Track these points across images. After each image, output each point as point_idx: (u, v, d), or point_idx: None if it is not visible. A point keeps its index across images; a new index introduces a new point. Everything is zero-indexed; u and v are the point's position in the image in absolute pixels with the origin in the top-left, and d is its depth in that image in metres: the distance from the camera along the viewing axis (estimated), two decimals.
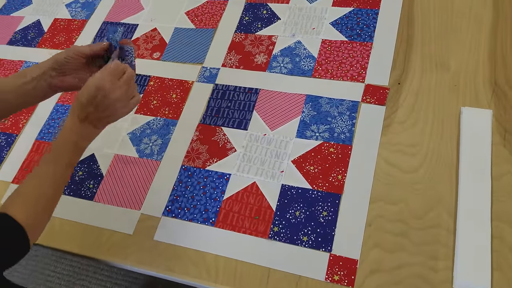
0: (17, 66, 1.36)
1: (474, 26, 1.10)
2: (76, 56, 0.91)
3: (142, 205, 1.03)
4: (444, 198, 0.91)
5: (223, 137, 1.08)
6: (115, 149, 1.12)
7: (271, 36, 1.22)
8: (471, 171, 0.91)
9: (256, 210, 0.97)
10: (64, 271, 1.95)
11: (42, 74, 0.89)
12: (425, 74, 1.06)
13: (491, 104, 0.99)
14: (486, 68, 1.04)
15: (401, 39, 1.12)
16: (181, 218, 1.00)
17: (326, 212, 0.94)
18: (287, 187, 0.98)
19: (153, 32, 1.33)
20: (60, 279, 1.94)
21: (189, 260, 0.95)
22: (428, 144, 0.97)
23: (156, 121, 1.15)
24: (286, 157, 1.02)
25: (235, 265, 0.92)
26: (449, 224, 0.88)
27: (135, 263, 0.97)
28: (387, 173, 0.96)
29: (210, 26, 1.29)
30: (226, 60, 1.21)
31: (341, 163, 0.98)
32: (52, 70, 0.90)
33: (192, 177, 1.04)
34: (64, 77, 0.91)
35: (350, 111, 1.04)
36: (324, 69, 1.12)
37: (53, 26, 1.43)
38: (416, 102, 1.03)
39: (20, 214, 0.76)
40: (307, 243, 0.91)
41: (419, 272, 0.85)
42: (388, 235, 0.89)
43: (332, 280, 0.87)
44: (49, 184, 0.81)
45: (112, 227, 1.02)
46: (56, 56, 0.91)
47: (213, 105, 1.14)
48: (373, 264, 0.87)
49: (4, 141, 1.21)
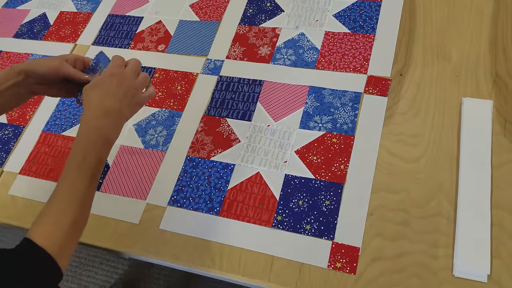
0: (24, 58, 1.37)
1: (476, 17, 1.11)
2: (55, 75, 0.86)
3: (148, 195, 1.05)
4: (444, 187, 0.92)
5: (227, 128, 1.09)
6: (121, 140, 1.14)
7: (275, 28, 1.23)
8: (471, 160, 0.92)
9: (260, 200, 0.98)
10: (71, 262, 1.98)
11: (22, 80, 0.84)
12: (426, 65, 1.07)
13: (492, 94, 1.00)
14: (487, 59, 1.05)
15: (403, 31, 1.13)
16: (186, 208, 1.01)
17: (328, 201, 0.95)
18: (290, 177, 1.00)
19: (158, 25, 1.34)
20: (67, 269, 1.96)
21: (194, 249, 0.96)
22: (429, 134, 0.98)
23: (161, 113, 1.16)
24: (289, 147, 1.03)
25: (240, 253, 0.94)
26: (450, 213, 0.90)
27: (141, 252, 0.99)
28: (389, 163, 0.97)
29: (214, 18, 1.30)
30: (230, 52, 1.22)
31: (343, 153, 1.00)
32: (29, 78, 0.85)
33: (197, 168, 1.06)
34: (42, 85, 0.88)
35: (353, 102, 1.06)
36: (327, 61, 1.13)
37: (58, 19, 1.45)
38: (418, 93, 1.04)
39: (47, 242, 0.69)
40: (310, 232, 0.93)
41: (420, 260, 0.86)
42: (389, 224, 0.91)
43: (334, 267, 0.88)
44: (74, 204, 0.75)
45: (118, 216, 1.03)
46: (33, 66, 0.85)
47: (217, 96, 1.15)
48: (375, 252, 0.89)
49: (12, 133, 1.23)
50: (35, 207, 1.09)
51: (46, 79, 0.85)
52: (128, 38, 1.33)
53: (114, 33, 1.36)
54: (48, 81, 0.85)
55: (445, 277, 0.84)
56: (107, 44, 1.34)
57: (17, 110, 1.26)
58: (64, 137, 1.18)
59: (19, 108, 1.26)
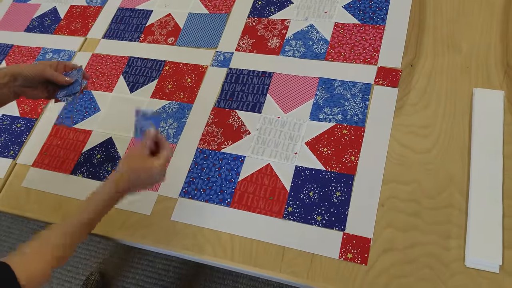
0: (35, 53, 1.38)
1: (486, 9, 1.10)
2: (39, 77, 0.94)
3: (159, 186, 1.05)
4: (456, 178, 0.92)
5: (237, 120, 1.10)
6: (132, 132, 1.14)
7: (284, 20, 1.23)
8: (483, 150, 0.92)
9: (271, 191, 0.99)
10: (81, 255, 1.99)
11: (6, 83, 0.92)
12: (437, 56, 1.06)
13: (503, 85, 0.99)
14: (498, 50, 1.04)
15: (413, 23, 1.12)
16: (197, 199, 1.02)
17: (339, 193, 0.95)
18: (300, 168, 1.00)
19: (167, 18, 1.34)
20: (77, 262, 1.98)
21: (205, 240, 0.97)
22: (440, 125, 0.98)
23: (171, 105, 1.17)
24: (299, 139, 1.03)
25: (251, 244, 0.94)
26: (461, 204, 0.89)
27: (152, 243, 1.00)
28: (399, 154, 0.97)
29: (224, 11, 1.30)
30: (239, 45, 1.22)
31: (354, 145, 1.00)
32: (15, 80, 0.93)
33: (207, 160, 1.06)
34: (26, 87, 0.95)
35: (363, 93, 1.06)
36: (337, 52, 1.13)
37: (69, 12, 1.46)
38: (429, 84, 1.03)
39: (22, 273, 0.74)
40: (321, 223, 0.93)
41: (432, 250, 0.87)
42: (401, 215, 0.91)
43: (345, 258, 0.89)
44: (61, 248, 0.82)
45: (130, 208, 1.04)
46: (20, 69, 0.93)
47: (227, 89, 1.15)
48: (386, 243, 0.89)
49: (24, 126, 1.24)
50: (48, 199, 1.10)
51: (31, 81, 0.93)
52: (138, 31, 1.34)
53: (124, 27, 1.36)
54: (32, 83, 0.94)
55: (457, 268, 0.84)
56: (117, 37, 1.34)
57: (30, 104, 1.27)
58: (76, 130, 1.19)
59: (30, 102, 1.27)
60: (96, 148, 1.15)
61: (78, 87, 0.96)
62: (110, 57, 1.31)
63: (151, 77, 1.23)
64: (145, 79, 1.23)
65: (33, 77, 0.93)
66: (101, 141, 1.15)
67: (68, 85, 0.96)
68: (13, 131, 1.24)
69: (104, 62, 1.30)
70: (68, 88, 0.96)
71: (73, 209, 1.06)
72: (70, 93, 0.96)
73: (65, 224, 0.83)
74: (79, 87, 0.96)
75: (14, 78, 0.92)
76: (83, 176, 1.11)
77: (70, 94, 0.96)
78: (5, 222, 2.13)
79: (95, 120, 1.20)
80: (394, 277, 0.86)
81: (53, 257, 0.80)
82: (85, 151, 1.15)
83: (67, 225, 0.83)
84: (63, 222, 0.84)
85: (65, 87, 0.97)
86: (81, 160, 1.14)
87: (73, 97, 0.96)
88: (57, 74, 0.95)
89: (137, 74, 1.25)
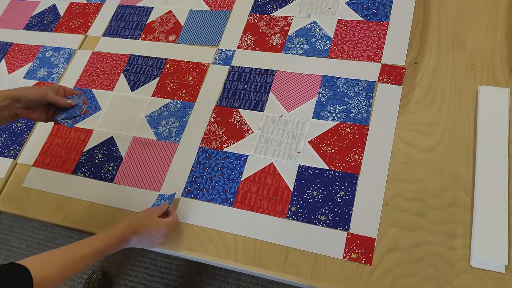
0: (35, 50, 1.37)
1: (491, 6, 1.09)
2: (41, 100, 0.95)
3: (161, 186, 1.05)
4: (461, 176, 0.91)
5: (239, 119, 1.09)
6: (133, 131, 1.13)
7: (287, 17, 1.22)
8: (488, 149, 0.91)
9: (274, 191, 0.98)
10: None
11: (7, 105, 0.93)
12: (441, 54, 1.05)
13: (509, 82, 0.98)
14: (504, 47, 1.03)
15: (417, 20, 1.11)
16: (200, 199, 1.01)
17: (343, 192, 0.94)
18: (304, 168, 0.99)
19: (168, 15, 1.33)
20: None
21: (208, 240, 0.96)
22: (445, 123, 0.97)
23: (173, 104, 1.16)
24: (303, 138, 1.03)
25: (254, 244, 0.94)
26: (466, 202, 0.89)
27: None
28: (404, 152, 0.96)
29: (225, 7, 1.29)
30: (241, 42, 1.21)
31: (358, 143, 0.99)
32: (17, 102, 0.93)
33: (210, 159, 1.05)
34: (26, 109, 0.95)
35: (367, 91, 1.05)
36: (340, 49, 1.12)
37: (68, 10, 1.44)
38: (433, 82, 1.02)
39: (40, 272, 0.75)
40: (325, 222, 0.92)
41: (437, 250, 0.86)
42: (405, 214, 0.90)
43: (350, 258, 0.88)
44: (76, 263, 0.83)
45: (132, 208, 1.04)
46: (23, 92, 0.94)
47: (229, 87, 1.14)
48: (391, 242, 0.88)
49: (24, 125, 1.23)
50: (49, 199, 1.09)
51: (33, 103, 0.94)
52: (139, 28, 1.33)
53: (124, 24, 1.35)
54: (33, 105, 0.95)
55: (462, 268, 0.83)
56: (118, 35, 1.33)
57: None
58: (77, 129, 1.18)
59: None
60: (97, 147, 1.14)
61: (79, 111, 0.96)
62: (111, 55, 1.30)
63: (152, 75, 1.22)
64: (146, 78, 1.22)
65: (36, 100, 0.94)
66: (102, 140, 1.14)
67: (68, 108, 0.97)
68: (13, 130, 1.23)
69: (104, 60, 1.29)
70: (68, 111, 0.97)
71: (75, 209, 1.06)
72: (70, 116, 0.96)
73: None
74: (79, 111, 0.96)
75: (16, 100, 0.93)
76: (84, 175, 1.10)
77: (70, 117, 0.96)
78: (6, 221, 2.13)
79: (96, 119, 1.19)
80: (399, 276, 0.85)
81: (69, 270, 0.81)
82: (86, 151, 1.14)
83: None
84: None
85: (65, 110, 0.97)
86: (82, 159, 1.13)
87: (73, 120, 0.96)
88: (58, 97, 0.96)
89: (138, 72, 1.24)
